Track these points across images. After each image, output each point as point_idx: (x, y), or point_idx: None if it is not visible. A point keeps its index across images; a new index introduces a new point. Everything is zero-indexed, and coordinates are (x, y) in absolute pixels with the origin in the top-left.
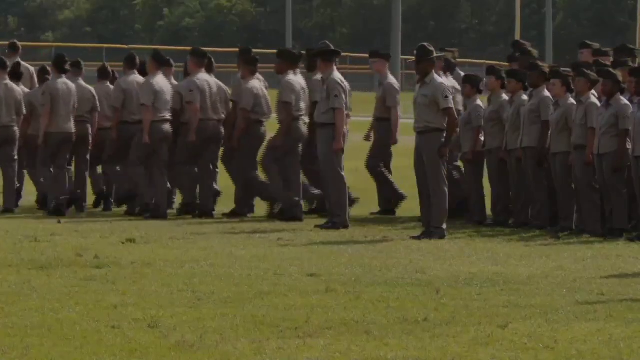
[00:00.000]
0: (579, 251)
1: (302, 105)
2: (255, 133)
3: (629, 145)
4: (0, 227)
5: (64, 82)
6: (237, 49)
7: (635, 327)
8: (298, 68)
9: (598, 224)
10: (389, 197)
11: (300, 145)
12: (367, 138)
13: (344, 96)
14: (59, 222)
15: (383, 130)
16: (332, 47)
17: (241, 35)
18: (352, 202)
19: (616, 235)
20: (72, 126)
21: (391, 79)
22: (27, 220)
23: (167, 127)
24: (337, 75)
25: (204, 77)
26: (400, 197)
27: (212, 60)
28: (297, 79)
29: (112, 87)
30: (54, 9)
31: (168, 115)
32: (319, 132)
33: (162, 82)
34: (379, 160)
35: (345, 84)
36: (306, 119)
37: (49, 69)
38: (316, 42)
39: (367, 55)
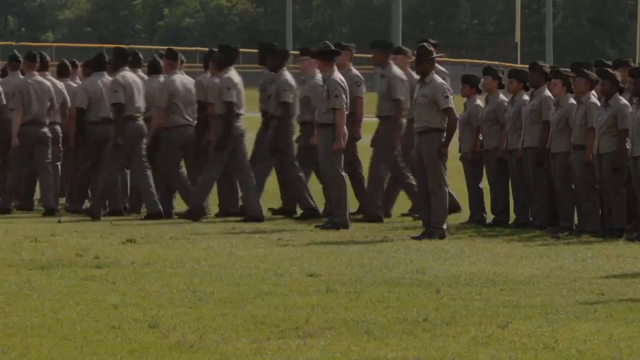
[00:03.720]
0: (579, 251)
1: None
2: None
3: (628, 145)
4: (0, 227)
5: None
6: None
7: (635, 327)
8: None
9: (598, 224)
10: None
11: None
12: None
13: (344, 96)
14: (59, 222)
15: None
16: (332, 47)
17: (241, 35)
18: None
19: (616, 235)
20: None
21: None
22: (27, 220)
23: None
24: (337, 76)
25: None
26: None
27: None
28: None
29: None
30: (54, 9)
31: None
32: (319, 132)
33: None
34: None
35: (345, 85)
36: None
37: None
38: (316, 42)
39: (367, 55)
